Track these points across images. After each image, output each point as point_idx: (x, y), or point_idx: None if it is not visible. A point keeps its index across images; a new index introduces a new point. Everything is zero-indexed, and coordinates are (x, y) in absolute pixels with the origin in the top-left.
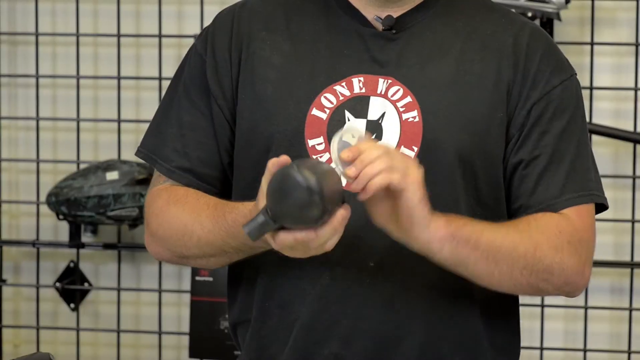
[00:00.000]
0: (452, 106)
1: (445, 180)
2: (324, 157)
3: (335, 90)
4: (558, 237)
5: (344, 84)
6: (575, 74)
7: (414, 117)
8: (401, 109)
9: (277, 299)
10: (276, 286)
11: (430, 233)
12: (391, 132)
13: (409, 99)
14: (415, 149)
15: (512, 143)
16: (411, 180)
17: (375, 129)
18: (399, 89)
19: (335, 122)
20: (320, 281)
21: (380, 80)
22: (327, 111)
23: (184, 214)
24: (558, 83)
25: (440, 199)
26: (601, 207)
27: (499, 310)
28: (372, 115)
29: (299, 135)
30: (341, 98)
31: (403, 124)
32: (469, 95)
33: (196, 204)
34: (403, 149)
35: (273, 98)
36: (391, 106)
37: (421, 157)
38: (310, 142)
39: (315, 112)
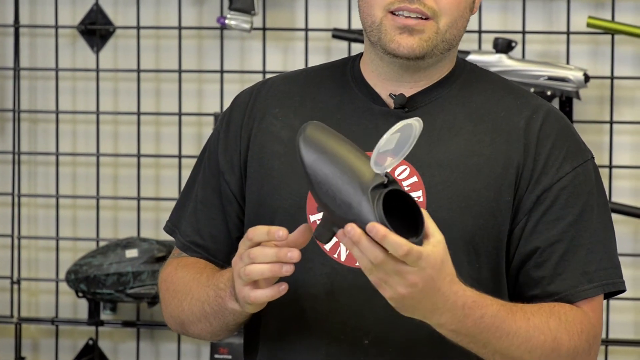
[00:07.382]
0: (457, 187)
1: None
2: None
3: None
4: (579, 337)
5: None
6: (592, 157)
7: (419, 197)
8: (406, 189)
9: None
10: (275, 358)
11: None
12: None
13: (414, 178)
14: None
15: (520, 228)
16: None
17: None
18: (405, 169)
19: None
20: (316, 356)
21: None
22: None
23: (188, 275)
24: (570, 169)
25: None
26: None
27: None
28: None
29: (300, 211)
30: None
31: None
32: (475, 178)
33: (202, 268)
34: None
35: (279, 172)
36: None
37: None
38: (312, 218)
39: None
